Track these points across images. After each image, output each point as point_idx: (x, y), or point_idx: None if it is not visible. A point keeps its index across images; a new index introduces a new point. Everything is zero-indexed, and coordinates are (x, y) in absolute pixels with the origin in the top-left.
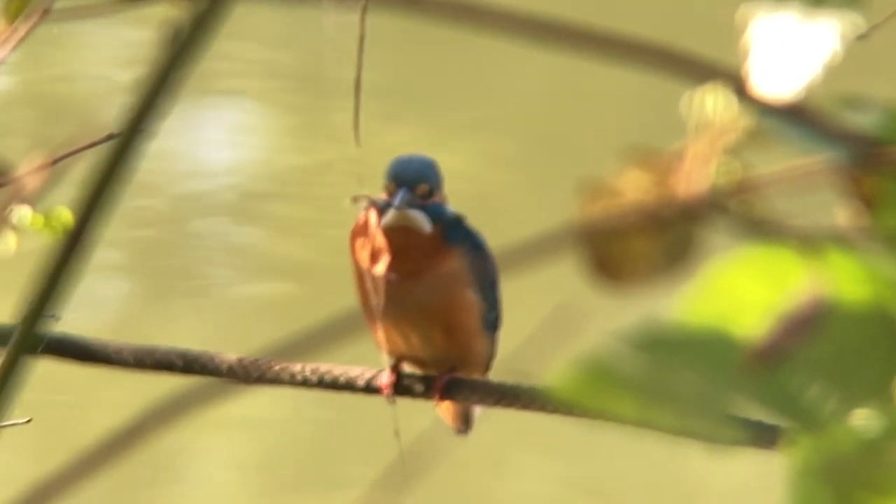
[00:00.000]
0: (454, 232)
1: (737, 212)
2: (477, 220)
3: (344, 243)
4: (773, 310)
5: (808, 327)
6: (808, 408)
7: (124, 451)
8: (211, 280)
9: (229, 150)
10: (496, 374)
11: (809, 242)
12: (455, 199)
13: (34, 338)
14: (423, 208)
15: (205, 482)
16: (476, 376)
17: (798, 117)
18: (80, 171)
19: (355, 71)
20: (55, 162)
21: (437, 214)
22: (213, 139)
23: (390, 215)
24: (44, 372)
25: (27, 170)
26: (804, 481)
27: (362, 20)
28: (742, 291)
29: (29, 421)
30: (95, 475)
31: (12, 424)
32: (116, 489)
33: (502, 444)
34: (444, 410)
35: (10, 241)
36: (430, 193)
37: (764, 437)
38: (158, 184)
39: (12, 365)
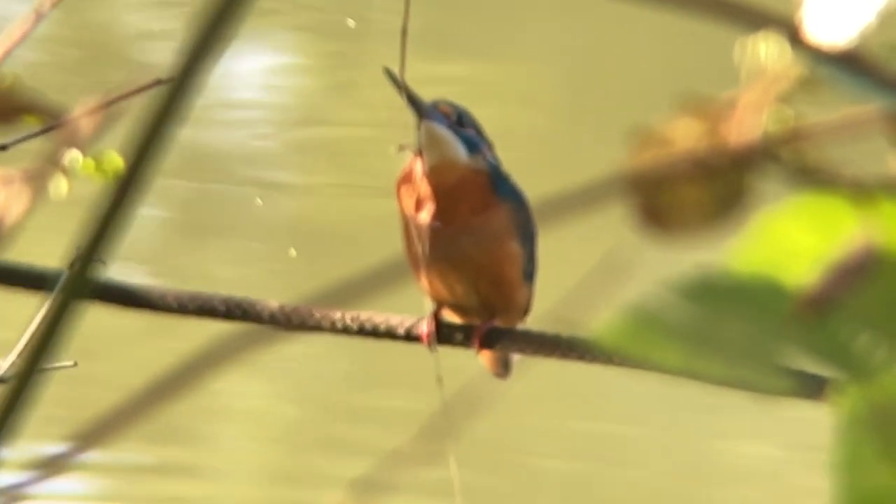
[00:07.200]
0: (502, 185)
1: (788, 160)
2: (524, 168)
3: (384, 190)
4: (824, 258)
5: (858, 276)
6: (856, 357)
7: (169, 398)
8: (250, 221)
9: (267, 91)
10: (543, 323)
11: (861, 191)
12: (501, 146)
13: (83, 283)
14: (453, 130)
15: (239, 425)
16: (514, 325)
17: (851, 65)
18: (131, 116)
19: (402, 20)
20: (106, 106)
21: (473, 145)
22: (251, 80)
23: (421, 130)
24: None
25: (78, 113)
26: (852, 431)
27: None
28: (792, 240)
29: (75, 364)
30: (138, 420)
31: (59, 367)
32: (155, 427)
33: (540, 385)
34: (483, 356)
35: (62, 185)
36: (461, 122)
37: (811, 387)
38: (196, 123)
39: (61, 310)
